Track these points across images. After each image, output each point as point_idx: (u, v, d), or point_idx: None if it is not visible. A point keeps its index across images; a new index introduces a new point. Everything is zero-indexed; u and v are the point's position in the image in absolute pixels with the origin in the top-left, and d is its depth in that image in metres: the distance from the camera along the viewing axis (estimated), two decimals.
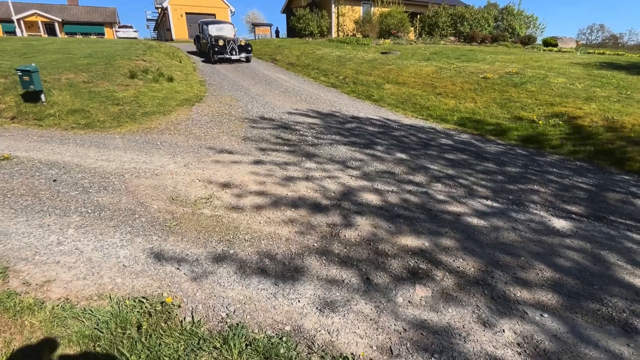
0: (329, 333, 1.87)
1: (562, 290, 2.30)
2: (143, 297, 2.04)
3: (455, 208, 3.37)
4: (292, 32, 22.01)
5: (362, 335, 1.87)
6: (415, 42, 18.08)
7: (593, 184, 4.30)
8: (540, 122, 6.48)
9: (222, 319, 1.94)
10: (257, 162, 4.26)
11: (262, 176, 3.85)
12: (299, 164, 4.31)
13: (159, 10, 31.69)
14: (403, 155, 4.88)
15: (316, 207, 3.22)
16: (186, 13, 27.95)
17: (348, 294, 2.16)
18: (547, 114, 6.73)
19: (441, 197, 3.62)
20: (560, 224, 3.22)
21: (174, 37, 27.28)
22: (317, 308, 2.04)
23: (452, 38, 20.19)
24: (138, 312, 1.94)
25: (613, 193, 4.05)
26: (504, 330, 1.95)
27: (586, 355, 1.82)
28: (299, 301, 2.08)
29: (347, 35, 21.14)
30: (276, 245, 2.62)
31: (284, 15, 26.76)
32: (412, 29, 21.16)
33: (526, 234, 2.98)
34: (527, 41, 19.14)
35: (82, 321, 1.86)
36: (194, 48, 16.95)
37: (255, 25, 26.11)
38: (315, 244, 2.66)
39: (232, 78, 10.37)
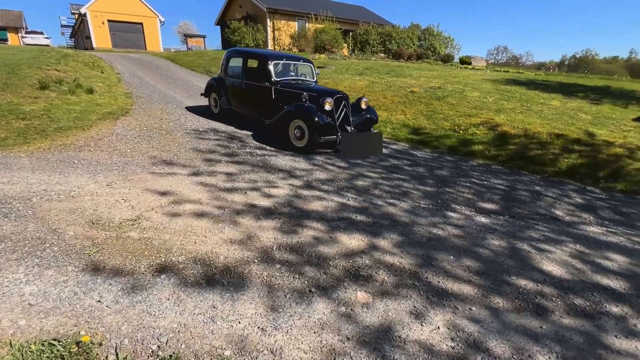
0: (272, 352, 1.80)
1: (487, 281, 2.52)
2: (54, 340, 1.76)
3: (392, 210, 3.53)
4: (227, 44, 21.66)
5: (306, 350, 1.83)
6: (348, 57, 18.96)
7: (507, 185, 4.85)
8: (460, 131, 7.17)
9: (153, 352, 1.76)
10: (193, 179, 4.03)
11: (198, 193, 3.65)
12: (240, 179, 4.18)
13: (76, 16, 28.92)
14: (344, 164, 5.02)
15: (257, 221, 3.13)
16: (109, 21, 25.91)
17: (291, 309, 2.11)
18: (466, 124, 7.47)
19: (379, 202, 3.77)
20: (482, 221, 3.55)
21: (94, 45, 25.05)
22: (258, 327, 1.95)
23: (382, 55, 21.59)
24: (47, 357, 1.67)
25: (522, 192, 4.61)
26: (438, 327, 2.07)
27: (509, 340, 2.00)
28: (239, 322, 1.98)
29: (283, 49, 21.42)
30: (213, 265, 2.48)
31: (218, 27, 26.27)
32: (346, 45, 22.20)
33: (454, 231, 3.23)
34: (447, 59, 21.25)
35: None
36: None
37: (187, 36, 25.16)
38: (255, 260, 2.57)
39: (163, 90, 9.80)
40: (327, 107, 5.32)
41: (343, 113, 5.56)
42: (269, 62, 6.13)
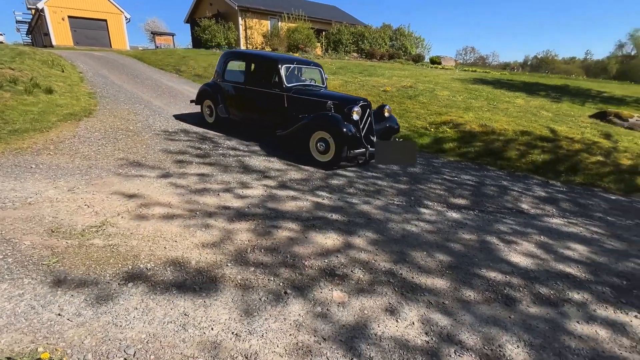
0: (246, 358, 1.75)
1: (458, 274, 2.59)
2: (8, 358, 1.64)
3: (366, 208, 3.56)
4: (198, 42, 21.12)
5: (281, 353, 1.80)
6: (322, 57, 18.99)
7: (476, 180, 5.01)
8: (432, 129, 7.35)
9: None
10: (162, 181, 3.89)
11: (168, 196, 3.52)
12: (213, 180, 4.07)
13: (33, 11, 27.19)
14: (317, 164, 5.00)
15: (230, 223, 3.06)
16: (69, 17, 24.54)
17: (266, 312, 2.08)
18: (437, 122, 7.67)
19: (354, 200, 3.79)
20: (453, 216, 3.65)
21: (54, 43, 23.66)
22: (232, 333, 1.90)
23: (355, 54, 21.80)
24: None
25: (490, 187, 4.78)
26: (413, 322, 2.10)
27: (480, 331, 2.06)
28: (212, 329, 1.92)
29: (256, 48, 21.16)
30: (185, 270, 2.40)
31: (188, 25, 25.56)
32: (319, 44, 22.23)
33: (426, 227, 3.30)
34: (418, 59, 21.75)
35: None
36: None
37: (155, 33, 24.29)
38: (229, 263, 2.50)
39: (129, 90, 9.40)
40: (355, 116, 4.79)
41: (367, 122, 5.08)
42: (280, 66, 5.45)
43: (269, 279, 2.38)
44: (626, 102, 11.91)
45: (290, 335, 1.92)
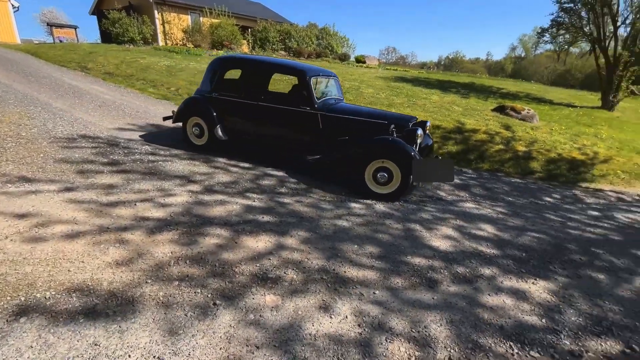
0: None
1: (387, 264, 2.71)
2: None
3: (298, 207, 3.54)
4: (107, 37, 19.04)
5: None
6: (249, 54, 18.54)
7: None
8: None
9: None
10: (64, 195, 3.39)
11: (72, 211, 3.08)
12: (128, 189, 3.67)
13: None
14: (248, 164, 4.84)
15: (150, 236, 2.79)
16: None
17: (193, 328, 1.93)
18: None
19: (286, 200, 3.74)
20: (381, 208, 3.83)
21: None
22: (154, 357, 1.72)
23: (283, 52, 21.72)
24: None
25: None
26: (346, 316, 2.13)
27: (408, 315, 2.18)
28: (129, 356, 1.71)
29: (177, 44, 19.83)
30: (95, 294, 2.11)
31: (94, 17, 22.88)
32: (245, 41, 21.65)
33: (357, 220, 3.41)
34: (344, 58, 22.49)
35: None
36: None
37: (52, 25, 21.23)
38: (149, 280, 2.28)
39: (22, 90, 8.07)
40: (419, 140, 4.21)
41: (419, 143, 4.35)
42: (308, 78, 4.52)
43: (195, 292, 2.21)
44: (519, 97, 13.81)
45: (220, 349, 1.81)
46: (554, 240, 3.54)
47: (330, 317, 2.12)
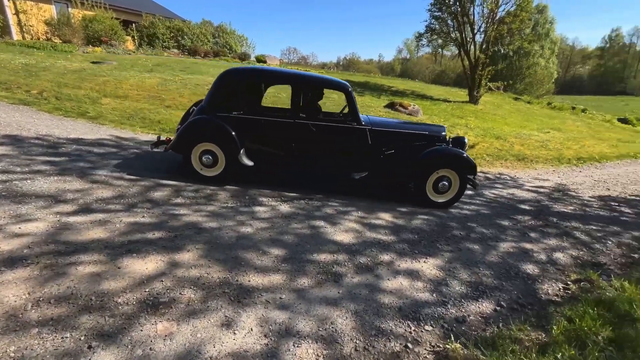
0: None
1: (293, 265, 2.67)
2: None
3: (196, 217, 3.25)
4: None
5: None
6: (135, 52, 16.63)
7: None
8: None
9: None
10: None
11: None
12: None
13: None
14: (135, 176, 4.27)
15: (7, 268, 2.20)
16: None
17: None
18: None
19: (182, 211, 3.40)
20: (285, 209, 3.78)
21: None
22: None
23: (176, 51, 20.13)
24: None
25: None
26: (251, 329, 2.01)
27: (315, 315, 2.16)
28: None
29: (39, 38, 16.62)
30: None
31: None
32: (129, 38, 19.38)
33: (261, 225, 3.29)
34: (244, 57, 21.94)
35: None
36: None
37: None
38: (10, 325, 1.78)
39: None
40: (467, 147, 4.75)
41: None
42: (351, 90, 4.32)
43: (62, 338, 1.81)
44: (407, 94, 15.42)
45: None
46: (440, 220, 4.00)
47: (234, 332, 1.97)
